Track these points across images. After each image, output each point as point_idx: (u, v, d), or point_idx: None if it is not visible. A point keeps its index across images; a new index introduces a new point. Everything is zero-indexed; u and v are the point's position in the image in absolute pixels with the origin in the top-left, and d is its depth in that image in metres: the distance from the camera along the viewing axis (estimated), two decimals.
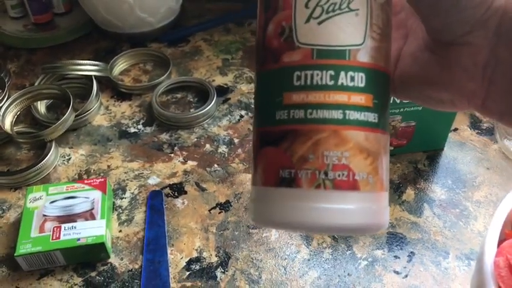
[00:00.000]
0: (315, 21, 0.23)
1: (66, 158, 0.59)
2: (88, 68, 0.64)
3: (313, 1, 0.23)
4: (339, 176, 0.23)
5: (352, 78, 0.23)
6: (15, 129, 0.61)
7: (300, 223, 0.23)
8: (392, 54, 0.27)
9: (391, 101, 0.51)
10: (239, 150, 0.59)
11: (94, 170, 0.57)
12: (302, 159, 0.23)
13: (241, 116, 0.64)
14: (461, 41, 0.23)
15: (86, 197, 0.51)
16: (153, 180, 0.56)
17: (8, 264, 0.49)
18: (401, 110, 0.53)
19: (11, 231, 0.51)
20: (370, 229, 0.24)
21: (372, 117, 0.24)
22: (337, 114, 0.23)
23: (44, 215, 0.49)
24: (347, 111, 0.23)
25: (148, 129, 0.62)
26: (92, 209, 0.50)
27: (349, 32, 0.23)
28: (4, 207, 0.54)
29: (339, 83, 0.23)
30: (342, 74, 0.23)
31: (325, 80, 0.23)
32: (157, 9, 0.71)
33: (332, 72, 0.23)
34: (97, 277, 0.48)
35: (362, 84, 0.23)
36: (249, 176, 0.56)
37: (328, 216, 0.23)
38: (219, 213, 0.53)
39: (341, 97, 0.23)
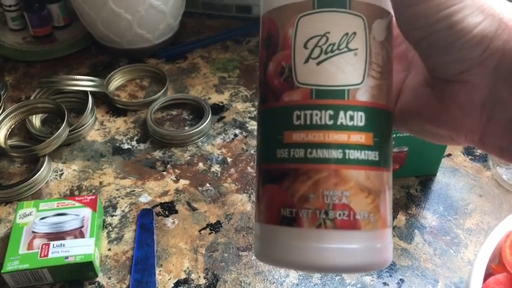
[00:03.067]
0: (314, 62, 0.24)
1: (59, 173, 0.59)
2: (84, 83, 0.64)
3: (311, 42, 0.24)
4: (339, 215, 0.23)
5: (352, 118, 0.23)
6: (9, 142, 0.61)
7: (302, 263, 0.23)
8: (394, 87, 0.27)
9: None
10: (232, 170, 0.59)
11: (86, 186, 0.57)
12: (303, 199, 0.23)
13: (236, 135, 0.64)
14: (458, 78, 0.24)
15: (76, 215, 0.50)
16: (144, 199, 0.56)
17: None
18: (394, 135, 0.53)
19: (0, 247, 0.51)
20: (373, 267, 0.24)
21: (372, 155, 0.24)
22: (336, 154, 0.23)
23: (33, 232, 0.49)
24: (347, 151, 0.23)
25: (142, 146, 0.62)
26: (82, 226, 0.49)
27: (348, 71, 0.24)
28: None
29: (338, 122, 0.23)
30: (341, 113, 0.23)
31: (325, 120, 0.23)
32: (155, 26, 0.72)
33: (331, 112, 0.23)
34: None
35: (362, 123, 0.23)
36: (241, 196, 0.56)
37: (329, 256, 0.23)
38: (209, 234, 0.52)
39: (340, 137, 0.23)
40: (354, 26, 0.24)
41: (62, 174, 0.59)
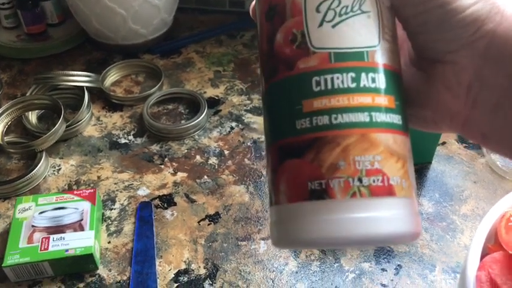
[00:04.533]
0: (329, 25, 0.23)
1: (57, 168, 0.59)
2: (80, 79, 0.64)
3: (324, 5, 0.23)
4: (374, 181, 0.21)
5: (374, 80, 0.23)
6: (6, 139, 0.61)
7: (337, 237, 0.21)
8: None
9: None
10: (229, 162, 0.59)
11: (84, 181, 0.57)
12: (332, 168, 0.21)
13: (232, 128, 0.64)
14: (446, 58, 0.24)
15: (75, 208, 0.51)
16: (142, 192, 0.56)
17: None
18: None
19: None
20: (408, 237, 0.23)
21: (396, 119, 0.23)
22: (363, 117, 0.22)
23: (33, 226, 0.49)
24: (373, 114, 0.22)
25: (139, 140, 0.63)
26: (81, 220, 0.50)
27: (364, 33, 0.23)
28: None
29: (362, 84, 0.22)
30: (363, 75, 0.22)
31: (347, 83, 0.22)
32: (150, 21, 0.72)
33: (353, 75, 0.22)
34: None
35: (383, 86, 0.23)
36: (239, 188, 0.56)
37: (367, 226, 0.21)
38: (208, 225, 0.53)
39: (365, 99, 0.22)
40: None
41: (60, 169, 0.59)
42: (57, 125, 0.59)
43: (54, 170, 0.59)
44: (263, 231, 0.52)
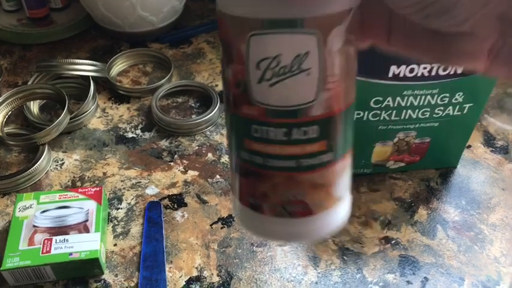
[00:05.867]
0: (267, 83, 0.24)
1: (59, 163, 0.56)
2: (85, 68, 0.61)
3: (263, 63, 0.23)
4: (295, 208, 0.26)
5: (305, 133, 0.25)
6: (6, 130, 0.57)
7: (265, 237, 0.32)
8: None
9: (407, 116, 0.49)
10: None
11: (89, 177, 0.54)
12: (263, 195, 0.26)
13: None
14: (462, 32, 0.21)
15: (80, 208, 0.47)
16: (151, 190, 0.53)
17: None
18: (417, 125, 0.50)
19: None
20: (332, 233, 0.28)
21: (326, 157, 0.25)
22: (291, 163, 0.25)
23: (34, 226, 0.46)
24: (301, 160, 0.25)
25: (147, 135, 0.59)
26: (86, 220, 0.46)
27: (301, 91, 0.24)
28: None
29: (292, 138, 0.25)
30: (295, 130, 0.24)
31: (279, 136, 0.25)
32: (159, 9, 0.68)
33: (285, 130, 0.24)
34: None
35: (315, 135, 0.25)
36: None
37: (289, 235, 0.28)
38: (221, 228, 0.50)
39: (295, 149, 0.25)
40: (306, 46, 0.23)
41: (63, 164, 0.55)
42: (61, 117, 0.55)
43: (56, 165, 0.55)
44: None
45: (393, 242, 0.48)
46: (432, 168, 0.55)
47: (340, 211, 0.28)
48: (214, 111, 0.60)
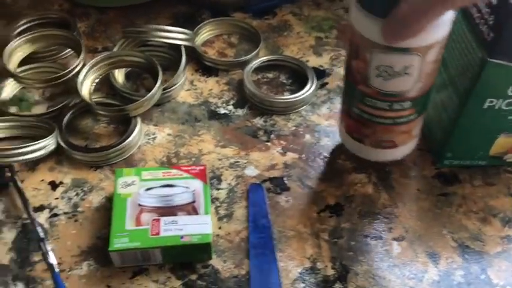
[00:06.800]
0: (381, 78, 0.39)
1: (151, 137, 0.52)
2: (176, 36, 0.57)
3: (382, 67, 0.38)
4: (387, 144, 0.45)
5: (402, 105, 0.41)
6: (93, 98, 0.54)
7: (368, 158, 0.49)
8: None
9: None
10: (344, 146, 0.52)
11: (184, 154, 0.51)
12: (366, 135, 0.46)
13: None
14: None
15: (185, 187, 0.44)
16: (250, 171, 0.50)
17: (96, 257, 0.43)
18: None
19: (96, 218, 0.45)
20: (405, 156, 0.49)
21: (412, 117, 0.43)
22: (389, 121, 0.43)
23: (140, 205, 0.43)
24: (396, 119, 0.42)
25: (239, 112, 0.55)
26: (194, 201, 0.43)
27: (403, 85, 0.39)
28: (85, 189, 0.48)
29: (393, 108, 0.41)
30: (395, 104, 0.41)
31: (384, 106, 0.41)
32: None
33: (389, 103, 0.41)
34: (198, 281, 0.42)
35: (408, 106, 0.41)
36: (360, 176, 0.49)
37: (381, 157, 0.48)
38: (330, 217, 0.46)
39: (393, 114, 0.42)
40: (411, 61, 0.37)
41: (155, 138, 0.52)
42: (154, 88, 0.52)
43: (149, 139, 0.52)
44: (395, 230, 0.45)
45: None
46: None
47: (413, 143, 0.47)
48: (312, 89, 0.56)
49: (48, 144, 0.48)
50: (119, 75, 0.57)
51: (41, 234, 0.42)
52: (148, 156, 0.51)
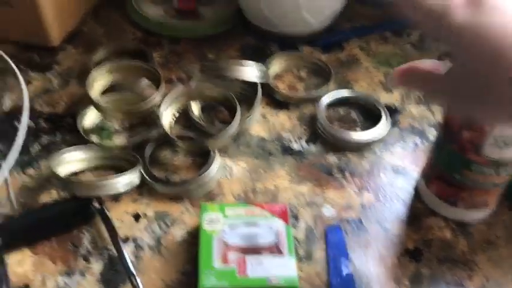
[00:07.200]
0: (497, 147, 0.41)
1: (228, 170, 0.53)
2: (252, 71, 0.58)
3: (499, 138, 0.40)
4: (481, 205, 0.48)
5: (507, 170, 0.44)
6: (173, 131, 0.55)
7: (461, 220, 0.49)
8: None
9: None
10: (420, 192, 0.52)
11: (260, 189, 0.52)
12: (462, 198, 0.47)
13: (416, 145, 0.57)
14: None
15: (269, 227, 0.45)
16: (327, 211, 0.50)
17: None
18: None
19: (179, 253, 0.46)
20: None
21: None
22: (489, 186, 0.45)
23: (225, 243, 0.44)
24: (496, 183, 0.45)
25: (312, 148, 0.56)
26: (277, 242, 0.44)
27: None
28: (167, 222, 0.49)
29: (499, 173, 0.44)
30: (502, 169, 0.43)
31: (490, 172, 0.44)
32: (322, 11, 0.64)
33: (496, 169, 0.43)
34: None
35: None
36: (436, 220, 0.49)
37: (473, 219, 0.49)
38: (409, 262, 0.46)
39: (496, 179, 0.45)
40: None
41: (232, 171, 0.53)
42: (232, 122, 0.53)
43: (226, 173, 0.53)
44: (475, 278, 0.45)
45: None
46: None
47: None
48: (387, 128, 0.56)
49: (134, 176, 0.50)
50: (195, 108, 0.58)
51: (132, 269, 0.43)
52: (226, 190, 0.52)
